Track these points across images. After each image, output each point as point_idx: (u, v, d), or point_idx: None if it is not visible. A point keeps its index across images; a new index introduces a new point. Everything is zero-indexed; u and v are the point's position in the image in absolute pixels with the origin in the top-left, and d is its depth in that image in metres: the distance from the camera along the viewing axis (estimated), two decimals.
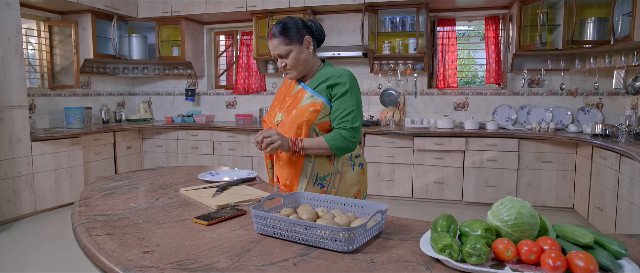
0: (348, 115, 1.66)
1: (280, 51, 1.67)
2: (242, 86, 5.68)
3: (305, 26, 1.71)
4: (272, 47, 1.70)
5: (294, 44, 1.67)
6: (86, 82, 5.31)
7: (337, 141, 1.65)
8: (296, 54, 1.68)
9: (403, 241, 1.14)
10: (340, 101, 1.67)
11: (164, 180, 1.91)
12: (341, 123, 1.66)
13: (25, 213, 4.04)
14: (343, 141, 1.65)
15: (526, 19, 4.38)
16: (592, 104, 4.56)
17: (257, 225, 1.18)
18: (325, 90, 1.68)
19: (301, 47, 1.69)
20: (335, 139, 1.65)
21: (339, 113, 1.66)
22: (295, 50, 1.68)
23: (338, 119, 1.67)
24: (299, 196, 1.38)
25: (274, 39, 1.68)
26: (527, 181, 4.30)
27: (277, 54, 1.69)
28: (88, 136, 4.64)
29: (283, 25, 1.68)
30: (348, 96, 1.67)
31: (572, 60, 4.52)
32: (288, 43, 1.67)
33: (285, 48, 1.67)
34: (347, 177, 1.74)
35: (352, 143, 1.67)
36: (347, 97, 1.67)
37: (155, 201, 1.53)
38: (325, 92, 1.68)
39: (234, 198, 1.53)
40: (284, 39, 1.67)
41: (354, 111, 1.67)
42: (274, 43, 1.68)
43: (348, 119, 1.65)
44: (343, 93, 1.67)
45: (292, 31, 1.67)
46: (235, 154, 5.16)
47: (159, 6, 5.29)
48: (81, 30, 4.90)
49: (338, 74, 1.70)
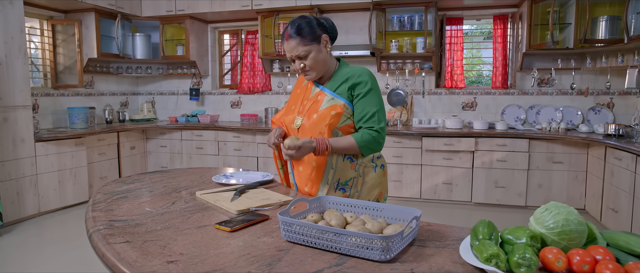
0: (373, 115, 1.60)
1: (299, 52, 1.61)
2: (247, 86, 5.62)
3: (320, 25, 1.65)
4: (289, 49, 1.63)
5: (313, 44, 1.61)
6: (89, 81, 5.24)
7: (367, 141, 1.59)
8: (315, 54, 1.62)
9: (440, 249, 1.08)
10: (363, 102, 1.61)
11: (176, 182, 1.85)
12: (367, 124, 1.60)
13: (29, 215, 3.97)
14: (372, 142, 1.60)
15: (536, 17, 4.32)
16: (603, 104, 4.50)
17: (284, 232, 1.12)
18: (346, 91, 1.62)
19: (319, 46, 1.63)
20: (365, 139, 1.59)
21: (364, 114, 1.61)
22: (314, 50, 1.62)
23: (364, 120, 1.61)
24: (324, 200, 1.32)
25: (291, 40, 1.61)
26: (538, 182, 4.25)
27: (295, 56, 1.63)
28: (92, 136, 4.58)
29: (300, 26, 1.61)
30: (371, 95, 1.61)
31: (582, 59, 4.46)
32: (306, 43, 1.60)
33: (304, 49, 1.61)
34: (369, 179, 1.68)
35: (379, 143, 1.62)
36: (370, 97, 1.61)
37: (171, 206, 1.46)
38: (346, 94, 1.62)
39: (253, 202, 1.47)
40: (302, 40, 1.60)
41: (379, 110, 1.61)
42: (291, 44, 1.62)
43: (374, 120, 1.60)
44: (365, 93, 1.61)
45: (309, 31, 1.61)
46: (240, 155, 5.10)
47: (163, 5, 5.23)
48: (85, 29, 4.84)
49: (358, 73, 1.64)
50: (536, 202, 4.27)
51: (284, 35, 1.65)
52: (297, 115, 1.70)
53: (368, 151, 1.62)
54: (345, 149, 1.60)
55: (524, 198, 4.29)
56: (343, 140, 1.60)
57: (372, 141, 1.60)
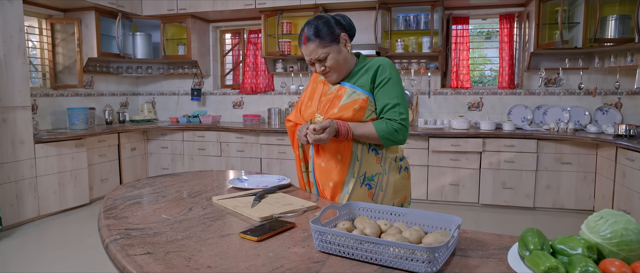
0: (396, 106, 1.54)
1: (318, 54, 1.54)
2: (249, 86, 5.54)
3: (338, 23, 1.59)
4: (308, 52, 1.56)
5: (332, 44, 1.55)
6: (89, 81, 5.14)
7: (387, 131, 1.52)
8: (335, 54, 1.55)
9: (484, 259, 1.02)
10: (384, 91, 1.55)
11: (189, 186, 1.77)
12: (388, 115, 1.54)
13: (28, 218, 3.88)
14: (393, 133, 1.53)
15: (544, 17, 4.27)
16: (611, 104, 4.45)
17: (318, 241, 1.05)
18: (368, 83, 1.56)
19: (339, 46, 1.56)
20: (385, 129, 1.52)
21: (385, 105, 1.54)
22: (333, 51, 1.55)
23: (385, 111, 1.55)
24: (353, 207, 1.24)
25: (309, 43, 1.55)
26: (546, 183, 4.20)
27: (314, 59, 1.56)
28: (92, 137, 4.48)
29: (317, 27, 1.55)
30: (391, 85, 1.55)
31: (590, 59, 4.41)
32: (325, 45, 1.54)
33: (323, 51, 1.54)
34: (394, 180, 1.61)
35: (402, 136, 1.55)
36: (390, 87, 1.55)
37: (188, 212, 1.39)
38: (368, 86, 1.56)
39: (275, 208, 1.40)
40: (320, 42, 1.53)
41: (401, 102, 1.55)
42: (309, 48, 1.55)
43: (395, 111, 1.54)
44: (385, 82, 1.55)
45: (327, 31, 1.54)
46: (243, 156, 5.02)
47: (164, 4, 5.14)
48: (84, 28, 4.74)
49: (378, 63, 1.58)
50: (544, 204, 4.22)
51: (301, 38, 1.58)
52: (317, 113, 1.64)
53: (389, 142, 1.54)
54: (365, 136, 1.54)
55: (532, 199, 4.24)
56: (362, 126, 1.54)
57: (393, 132, 1.53)
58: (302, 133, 1.56)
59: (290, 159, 4.81)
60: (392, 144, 1.55)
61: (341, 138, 1.51)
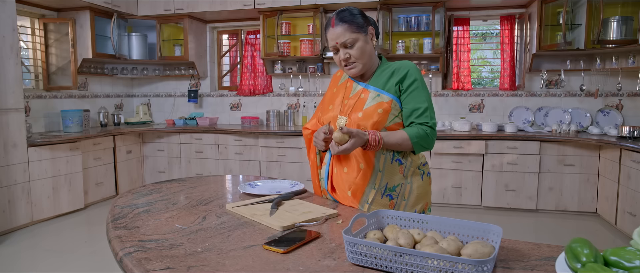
0: (425, 111, 1.48)
1: (346, 39, 1.48)
2: (247, 87, 5.45)
3: (366, 17, 1.53)
4: (334, 36, 1.50)
5: (360, 32, 1.49)
6: (83, 83, 5.02)
7: (421, 137, 1.46)
8: (362, 44, 1.49)
9: (528, 270, 0.95)
10: (413, 96, 1.49)
11: (199, 193, 1.69)
12: (420, 119, 1.48)
13: (21, 224, 3.75)
14: (425, 138, 1.47)
15: (546, 18, 4.25)
16: (612, 106, 4.45)
17: (350, 253, 0.98)
18: (394, 87, 1.50)
19: (366, 37, 1.51)
20: (419, 135, 1.46)
21: (415, 109, 1.49)
22: (361, 39, 1.49)
23: (416, 116, 1.49)
24: (381, 215, 1.18)
25: (337, 26, 1.49)
26: (549, 185, 4.17)
27: (341, 43, 1.49)
28: (87, 140, 4.36)
29: (349, 11, 1.50)
30: (420, 90, 1.50)
31: (591, 60, 4.40)
32: (353, 31, 1.48)
33: (352, 36, 1.48)
34: (416, 187, 1.55)
35: (433, 140, 1.49)
36: (419, 92, 1.50)
37: (203, 221, 1.31)
38: (394, 89, 1.50)
39: (295, 216, 1.33)
40: (349, 26, 1.48)
41: (429, 106, 1.50)
42: (337, 31, 1.49)
43: (427, 115, 1.48)
44: (414, 88, 1.50)
45: (358, 18, 1.50)
46: (242, 159, 4.93)
47: (161, 4, 5.04)
48: (79, 29, 4.62)
49: (405, 67, 1.53)
50: (547, 206, 4.20)
51: (329, 22, 1.53)
52: (339, 115, 1.57)
53: (420, 148, 1.49)
54: (397, 144, 1.46)
55: (535, 201, 4.21)
56: (395, 134, 1.46)
57: (426, 137, 1.47)
58: (319, 137, 1.48)
59: (290, 162, 4.73)
60: (423, 150, 1.50)
61: (370, 149, 1.44)
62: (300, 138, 4.66)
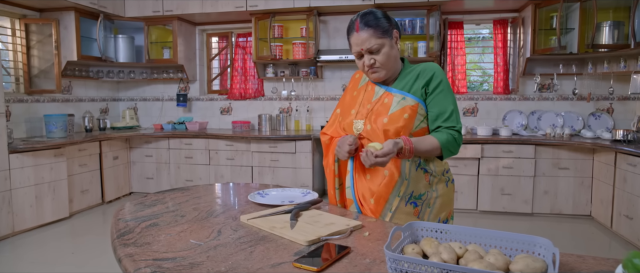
0: (451, 115, 1.43)
1: (371, 44, 1.41)
2: (238, 91, 5.34)
3: (389, 19, 1.46)
4: (359, 42, 1.42)
5: (385, 37, 1.43)
6: (67, 86, 4.82)
7: (449, 142, 1.40)
8: (388, 49, 1.43)
9: None
10: (440, 99, 1.43)
11: (206, 203, 1.59)
12: (447, 123, 1.42)
13: (2, 236, 3.55)
14: (453, 143, 1.41)
15: (540, 22, 4.27)
16: (603, 109, 4.50)
17: (394, 271, 0.90)
18: (420, 89, 1.43)
19: (391, 41, 1.45)
20: (448, 140, 1.40)
21: (441, 112, 1.43)
22: (387, 44, 1.43)
23: (442, 119, 1.42)
24: (415, 227, 1.11)
25: (362, 31, 1.41)
26: (544, 189, 4.18)
27: (366, 49, 1.42)
28: (72, 146, 4.18)
29: (373, 15, 1.43)
30: (447, 92, 1.45)
31: (583, 64, 4.45)
32: (379, 36, 1.41)
33: (377, 42, 1.41)
34: (441, 195, 1.49)
35: (459, 146, 1.44)
36: (445, 94, 1.44)
37: (219, 236, 1.22)
38: (420, 92, 1.43)
39: (317, 228, 1.24)
40: (375, 31, 1.41)
41: (455, 109, 1.44)
42: (362, 36, 1.41)
43: (453, 119, 1.43)
44: (441, 90, 1.44)
45: (383, 22, 1.43)
46: (233, 164, 4.81)
47: (149, 5, 4.89)
48: (63, 30, 4.44)
49: (430, 68, 1.47)
50: (542, 209, 4.21)
51: (352, 26, 1.45)
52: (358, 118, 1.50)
53: (448, 153, 1.43)
54: (428, 151, 1.40)
55: (531, 205, 4.22)
56: (425, 141, 1.39)
57: (453, 142, 1.41)
58: (344, 149, 1.41)
59: (283, 168, 4.63)
60: (451, 155, 1.43)
61: (402, 157, 1.36)
62: (294, 143, 4.57)
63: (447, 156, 1.44)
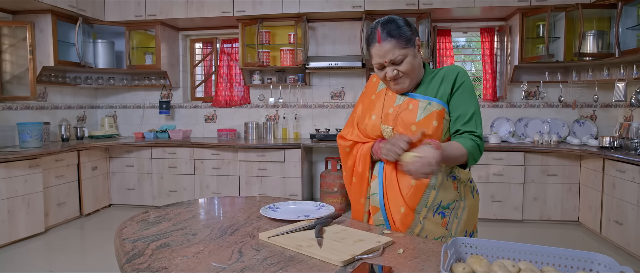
0: (472, 118, 1.36)
1: (395, 56, 1.33)
2: (223, 99, 5.19)
3: (410, 26, 1.39)
4: (381, 54, 1.34)
5: (408, 47, 1.35)
6: (42, 93, 4.57)
7: (473, 148, 1.33)
8: (411, 59, 1.36)
9: None
10: (460, 100, 1.37)
11: (214, 219, 1.48)
12: (467, 127, 1.35)
13: None
14: (476, 150, 1.34)
15: (527, 31, 4.34)
16: (587, 116, 4.60)
17: None
18: (447, 94, 1.37)
19: (414, 50, 1.37)
20: (472, 146, 1.32)
21: (461, 114, 1.36)
22: (410, 54, 1.35)
23: (463, 123, 1.35)
24: (458, 243, 1.03)
25: (385, 42, 1.33)
26: (533, 195, 4.22)
27: (389, 61, 1.34)
28: (49, 156, 3.94)
29: (396, 24, 1.34)
30: (469, 93, 1.38)
31: (568, 72, 4.54)
32: (402, 46, 1.33)
33: (401, 52, 1.33)
34: (469, 205, 1.42)
35: (481, 153, 1.36)
36: (467, 95, 1.38)
37: (241, 257, 1.11)
38: (446, 97, 1.37)
39: (348, 246, 1.15)
40: (398, 42, 1.33)
41: (476, 113, 1.38)
42: (385, 48, 1.33)
43: (473, 123, 1.36)
44: (463, 90, 1.38)
45: (406, 31, 1.35)
46: (220, 174, 4.65)
47: (131, 9, 4.70)
48: (38, 33, 4.21)
49: (454, 70, 1.42)
50: (532, 216, 4.24)
51: (373, 37, 1.36)
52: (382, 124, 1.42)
53: (472, 161, 1.36)
54: (455, 159, 1.31)
55: (521, 212, 4.24)
56: (452, 147, 1.30)
57: (476, 148, 1.34)
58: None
59: (272, 177, 4.51)
60: (474, 163, 1.37)
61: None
62: (283, 152, 4.46)
63: (471, 164, 1.37)
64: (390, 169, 1.41)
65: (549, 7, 4.07)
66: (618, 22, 3.81)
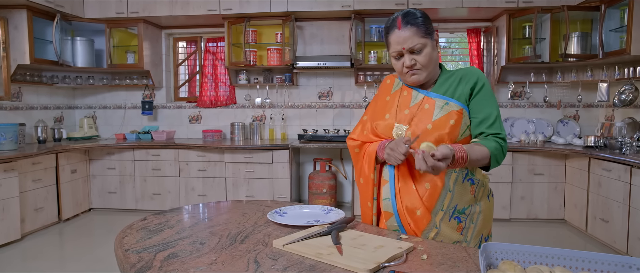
0: (496, 121, 1.34)
1: (414, 43, 1.30)
2: (208, 99, 5.07)
3: (430, 21, 1.37)
4: (400, 40, 1.31)
5: (428, 37, 1.33)
6: (16, 93, 4.34)
7: (498, 151, 1.30)
8: (430, 49, 1.33)
9: None
10: (482, 103, 1.34)
11: (221, 225, 1.40)
12: (492, 130, 1.32)
13: None
14: (500, 152, 1.31)
15: (514, 32, 4.39)
16: (570, 116, 4.69)
17: None
18: (466, 94, 1.34)
19: (433, 43, 1.35)
20: (496, 148, 1.30)
21: (485, 117, 1.33)
22: (429, 45, 1.33)
23: (487, 125, 1.32)
24: (490, 249, 0.99)
25: (405, 29, 1.30)
26: (520, 194, 4.27)
27: (408, 48, 1.31)
28: (25, 159, 3.74)
29: (415, 15, 1.32)
30: (490, 96, 1.36)
31: (553, 73, 4.62)
32: (422, 35, 1.31)
33: (420, 41, 1.31)
34: (484, 209, 1.39)
35: (504, 155, 1.34)
36: (489, 98, 1.35)
37: (259, 267, 1.04)
38: (464, 97, 1.34)
39: (369, 253, 1.10)
40: (418, 30, 1.31)
41: (498, 115, 1.35)
42: (404, 34, 1.30)
43: (497, 125, 1.33)
44: (484, 93, 1.35)
45: (426, 21, 1.33)
46: (206, 176, 4.53)
47: (112, 6, 4.52)
48: (12, 30, 4.00)
49: (473, 72, 1.39)
50: (519, 215, 4.29)
51: (393, 24, 1.34)
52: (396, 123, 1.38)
53: (495, 163, 1.33)
54: (478, 160, 1.27)
55: (508, 210, 4.29)
56: (474, 148, 1.26)
57: (500, 151, 1.31)
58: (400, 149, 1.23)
59: (259, 179, 4.42)
60: (497, 165, 1.34)
61: (456, 166, 1.23)
62: (271, 153, 4.38)
63: (494, 167, 1.34)
64: (403, 172, 1.37)
65: (536, 8, 4.13)
66: (601, 24, 3.89)
